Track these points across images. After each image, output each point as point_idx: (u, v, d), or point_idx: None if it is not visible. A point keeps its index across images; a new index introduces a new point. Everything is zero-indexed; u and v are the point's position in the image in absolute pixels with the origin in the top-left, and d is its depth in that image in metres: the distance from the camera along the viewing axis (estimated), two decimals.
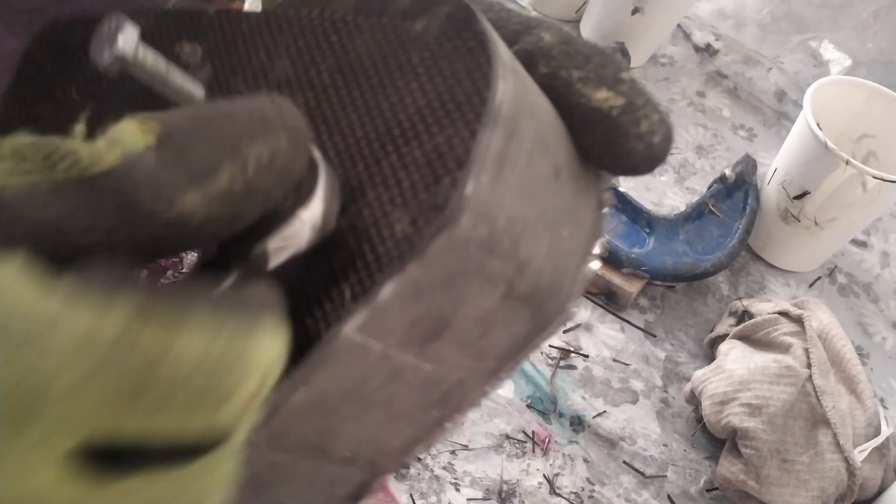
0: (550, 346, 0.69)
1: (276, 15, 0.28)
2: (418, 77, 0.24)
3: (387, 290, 0.20)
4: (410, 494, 0.58)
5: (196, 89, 0.26)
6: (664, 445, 0.65)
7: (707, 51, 0.99)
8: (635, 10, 0.88)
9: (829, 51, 1.00)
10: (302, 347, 0.21)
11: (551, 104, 0.26)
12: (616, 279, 0.71)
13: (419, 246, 0.20)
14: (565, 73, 0.26)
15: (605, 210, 0.28)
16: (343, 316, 0.21)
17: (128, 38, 0.23)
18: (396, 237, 0.22)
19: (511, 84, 0.22)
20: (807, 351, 0.63)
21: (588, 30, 0.95)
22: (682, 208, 0.76)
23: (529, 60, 0.27)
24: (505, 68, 0.22)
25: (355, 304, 0.21)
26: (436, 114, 0.23)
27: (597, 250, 0.27)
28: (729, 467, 0.60)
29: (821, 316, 0.67)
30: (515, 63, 0.23)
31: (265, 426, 0.21)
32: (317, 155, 0.22)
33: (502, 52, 0.22)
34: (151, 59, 0.24)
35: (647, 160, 0.26)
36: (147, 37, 0.30)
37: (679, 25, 1.00)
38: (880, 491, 0.62)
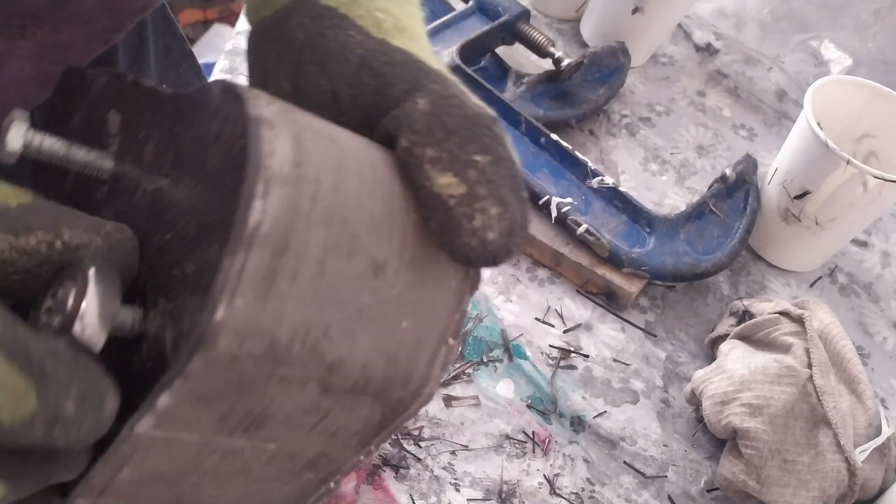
0: (551, 345, 0.69)
1: (160, 94, 0.28)
2: (206, 184, 0.24)
3: (163, 400, 0.22)
4: (410, 495, 0.58)
5: (105, 161, 0.28)
6: (665, 446, 0.65)
7: (707, 50, 0.98)
8: (635, 10, 0.88)
9: (829, 50, 1.00)
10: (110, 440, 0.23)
11: (393, 187, 0.25)
12: (616, 279, 0.71)
13: (177, 366, 0.22)
14: (419, 150, 0.25)
15: (466, 293, 0.27)
16: (134, 419, 0.23)
17: (13, 137, 0.25)
18: (165, 353, 0.23)
19: (276, 200, 0.21)
20: (807, 351, 0.63)
21: (588, 30, 0.95)
22: (683, 208, 0.76)
23: (396, 131, 0.26)
24: (270, 183, 0.21)
25: (141, 411, 0.22)
26: (209, 229, 0.23)
27: (458, 335, 0.27)
28: (730, 467, 0.60)
29: (821, 316, 0.67)
30: (306, 169, 0.23)
31: (106, 493, 0.24)
32: (91, 274, 0.23)
33: (273, 165, 0.22)
34: (47, 145, 0.26)
35: (483, 257, 0.25)
36: (94, 99, 0.31)
37: (679, 25, 1.00)
38: (881, 491, 0.62)
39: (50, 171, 0.32)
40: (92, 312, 0.22)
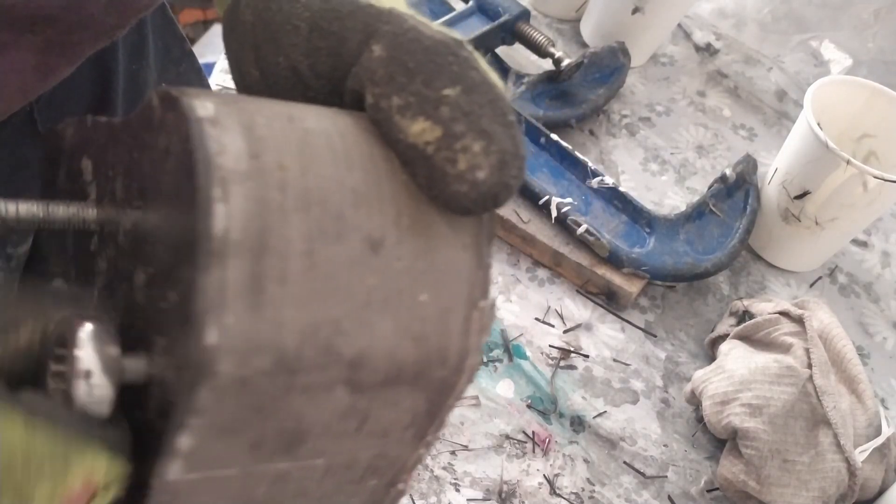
0: (551, 345, 0.69)
1: (114, 125, 0.26)
2: (169, 205, 0.22)
3: (183, 441, 0.21)
4: (410, 495, 0.58)
5: (88, 212, 0.26)
6: (665, 446, 0.65)
7: (707, 50, 0.98)
8: (635, 10, 0.88)
9: (829, 50, 1.00)
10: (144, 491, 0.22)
11: (372, 152, 0.23)
12: (616, 279, 0.71)
13: (184, 403, 0.20)
14: (385, 102, 0.23)
15: (484, 246, 0.24)
16: (160, 466, 0.21)
17: None
18: (169, 392, 0.22)
19: (240, 200, 0.20)
20: (807, 351, 0.63)
21: (588, 30, 0.95)
22: (683, 208, 0.76)
23: (361, 89, 0.24)
24: (227, 183, 0.20)
25: (164, 457, 0.21)
26: (180, 250, 0.21)
27: (488, 293, 0.24)
28: (730, 468, 0.60)
29: (821, 316, 0.67)
30: (266, 158, 0.21)
31: None
32: (86, 333, 0.22)
33: (225, 163, 0.20)
34: (24, 211, 0.25)
35: (480, 201, 0.22)
36: (68, 151, 0.30)
37: (679, 25, 1.00)
38: (881, 491, 0.62)
39: (51, 233, 0.31)
40: (96, 370, 0.21)
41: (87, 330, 0.22)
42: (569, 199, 0.73)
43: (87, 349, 0.21)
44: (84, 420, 0.21)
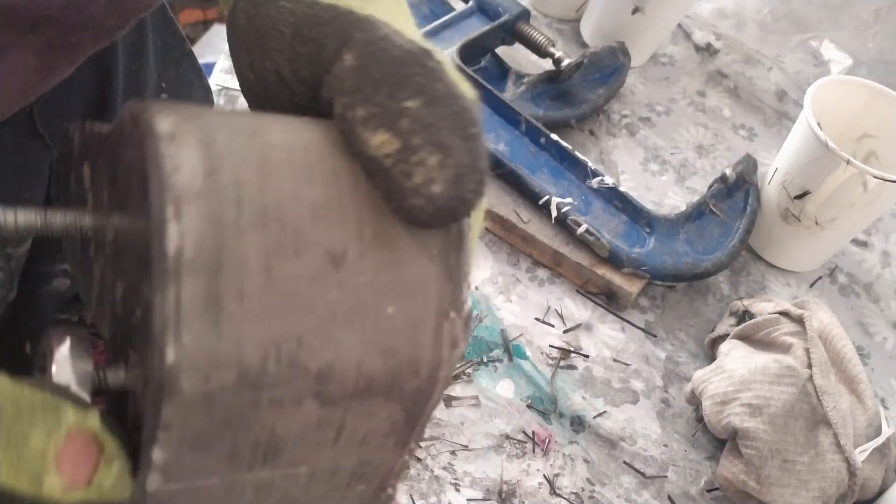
0: (551, 345, 0.69)
1: (102, 133, 0.26)
2: (134, 219, 0.22)
3: (157, 454, 0.21)
4: (410, 495, 0.58)
5: (84, 219, 0.26)
6: (665, 446, 0.65)
7: (707, 50, 0.98)
8: (635, 10, 0.88)
9: (829, 50, 1.00)
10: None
11: (335, 165, 0.23)
12: (616, 279, 0.71)
13: (152, 419, 0.21)
14: (350, 113, 0.23)
15: (451, 257, 0.24)
16: (140, 478, 0.22)
17: None
18: (140, 406, 0.22)
19: (193, 219, 0.20)
20: (807, 351, 0.63)
21: (588, 30, 0.95)
22: (683, 208, 0.76)
23: (332, 98, 0.24)
24: (181, 202, 0.20)
25: (143, 469, 0.22)
26: (141, 267, 0.21)
27: (460, 304, 0.24)
28: (730, 467, 0.60)
29: (821, 316, 0.67)
30: (222, 175, 0.21)
31: None
32: (62, 349, 0.22)
33: (180, 181, 0.20)
34: (22, 219, 0.25)
35: (436, 216, 0.22)
36: (74, 155, 0.30)
37: (679, 25, 1.00)
38: (881, 491, 0.62)
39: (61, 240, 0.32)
40: (72, 384, 0.22)
41: (64, 346, 0.22)
42: (569, 199, 0.73)
43: (63, 364, 0.22)
44: (73, 393, 0.22)
